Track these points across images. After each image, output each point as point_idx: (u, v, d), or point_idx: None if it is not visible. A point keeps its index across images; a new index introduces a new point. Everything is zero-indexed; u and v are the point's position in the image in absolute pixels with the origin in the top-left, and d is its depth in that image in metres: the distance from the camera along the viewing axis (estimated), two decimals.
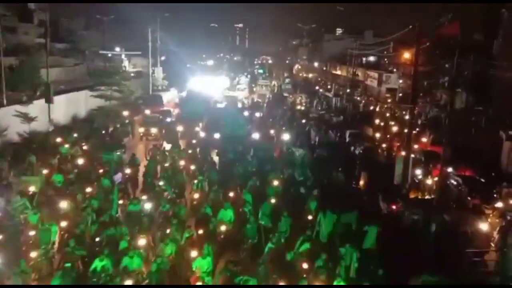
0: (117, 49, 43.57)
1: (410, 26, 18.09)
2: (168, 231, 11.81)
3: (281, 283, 10.14)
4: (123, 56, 44.29)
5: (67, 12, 43.24)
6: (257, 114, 29.10)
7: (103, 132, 22.94)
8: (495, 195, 16.48)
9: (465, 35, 26.29)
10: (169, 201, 13.68)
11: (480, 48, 27.13)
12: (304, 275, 10.60)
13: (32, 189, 13.77)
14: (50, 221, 11.83)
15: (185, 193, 15.44)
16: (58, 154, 17.82)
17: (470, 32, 27.45)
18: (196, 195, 14.64)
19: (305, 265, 10.91)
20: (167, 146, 20.51)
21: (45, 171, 15.56)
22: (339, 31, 68.30)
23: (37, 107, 23.46)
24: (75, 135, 20.88)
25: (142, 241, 11.33)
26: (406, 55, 26.31)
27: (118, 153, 18.66)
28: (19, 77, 26.99)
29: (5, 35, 30.15)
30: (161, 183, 15.15)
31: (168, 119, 26.72)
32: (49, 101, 22.69)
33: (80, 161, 16.71)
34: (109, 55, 42.08)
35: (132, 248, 10.83)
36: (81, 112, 27.90)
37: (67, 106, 26.66)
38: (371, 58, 54.47)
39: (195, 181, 15.40)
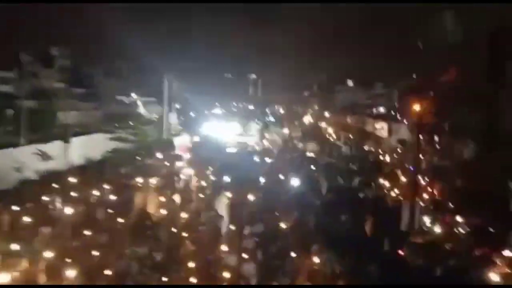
0: (133, 95, 45.00)
1: (414, 76, 18.81)
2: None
3: None
4: (138, 102, 45.65)
5: (86, 58, 45.10)
6: (268, 160, 29.63)
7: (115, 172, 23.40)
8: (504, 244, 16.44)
9: (469, 84, 27.01)
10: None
11: (487, 97, 27.72)
12: None
13: None
14: None
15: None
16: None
17: (475, 82, 28.11)
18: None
19: None
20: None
21: None
22: (350, 83, 69.71)
23: (54, 148, 24.32)
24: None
25: None
26: (413, 105, 26.89)
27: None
28: (38, 119, 28.11)
29: (27, 80, 31.72)
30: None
31: (179, 163, 27.14)
32: (67, 141, 23.61)
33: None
34: (126, 101, 43.47)
35: None
36: (96, 154, 28.57)
37: (83, 148, 27.40)
38: (381, 109, 55.33)
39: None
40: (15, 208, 15.15)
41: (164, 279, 11.74)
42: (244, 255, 13.51)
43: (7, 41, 35.34)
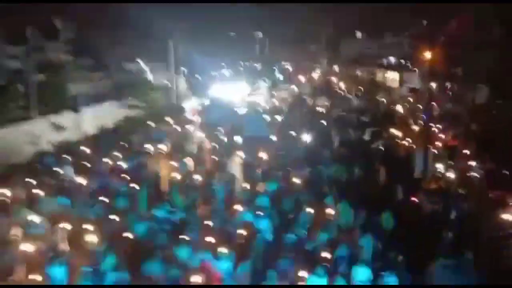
0: (140, 62, 44.78)
1: (425, 23, 18.35)
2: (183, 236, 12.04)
3: (302, 273, 10.56)
4: (146, 69, 45.51)
5: (91, 29, 44.80)
6: (278, 117, 29.57)
7: (127, 140, 23.53)
8: None
9: (481, 29, 26.32)
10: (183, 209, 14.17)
11: (500, 40, 27.05)
12: (325, 264, 10.97)
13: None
14: None
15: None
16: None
17: (488, 26, 27.38)
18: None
19: (325, 255, 11.30)
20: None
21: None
22: (358, 34, 68.29)
23: (67, 119, 24.67)
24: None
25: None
26: (424, 53, 26.40)
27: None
28: (48, 92, 28.30)
29: (34, 54, 31.69)
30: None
31: (190, 127, 27.13)
32: (78, 112, 23.93)
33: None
34: (133, 68, 43.34)
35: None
36: (108, 123, 28.80)
37: (95, 118, 27.66)
38: (392, 59, 54.36)
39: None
40: (30, 180, 15.42)
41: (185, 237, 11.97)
42: (259, 212, 13.73)
43: (11, 16, 35.23)
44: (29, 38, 33.94)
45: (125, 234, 12.31)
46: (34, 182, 15.58)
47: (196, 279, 10.14)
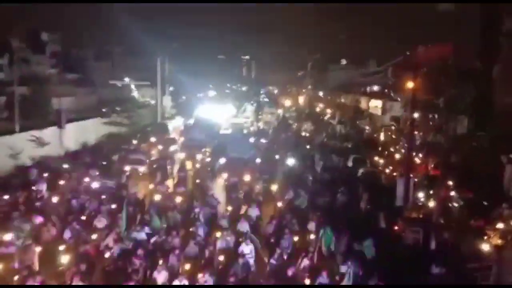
0: (126, 79, 44.75)
1: (407, 53, 18.77)
2: (160, 261, 11.75)
3: None
4: (132, 86, 45.45)
5: (77, 43, 44.69)
6: (262, 140, 29.67)
7: (108, 159, 23.19)
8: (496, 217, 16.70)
9: (462, 60, 27.03)
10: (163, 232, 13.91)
11: (480, 73, 27.75)
12: None
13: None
14: None
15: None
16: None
17: (468, 58, 28.10)
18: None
19: (306, 281, 11.21)
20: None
21: None
22: (343, 61, 69.66)
23: (49, 134, 24.29)
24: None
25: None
26: (407, 82, 26.88)
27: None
28: (32, 106, 27.94)
29: (19, 66, 31.38)
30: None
31: (173, 147, 27.06)
32: (60, 126, 23.54)
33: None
34: (119, 85, 43.24)
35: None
36: (91, 139, 28.52)
37: (78, 134, 27.36)
38: (375, 87, 55.31)
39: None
40: (7, 196, 15.03)
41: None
42: (240, 237, 13.50)
43: None
44: (14, 50, 33.62)
45: (101, 256, 12.02)
46: (9, 199, 15.25)
47: None
